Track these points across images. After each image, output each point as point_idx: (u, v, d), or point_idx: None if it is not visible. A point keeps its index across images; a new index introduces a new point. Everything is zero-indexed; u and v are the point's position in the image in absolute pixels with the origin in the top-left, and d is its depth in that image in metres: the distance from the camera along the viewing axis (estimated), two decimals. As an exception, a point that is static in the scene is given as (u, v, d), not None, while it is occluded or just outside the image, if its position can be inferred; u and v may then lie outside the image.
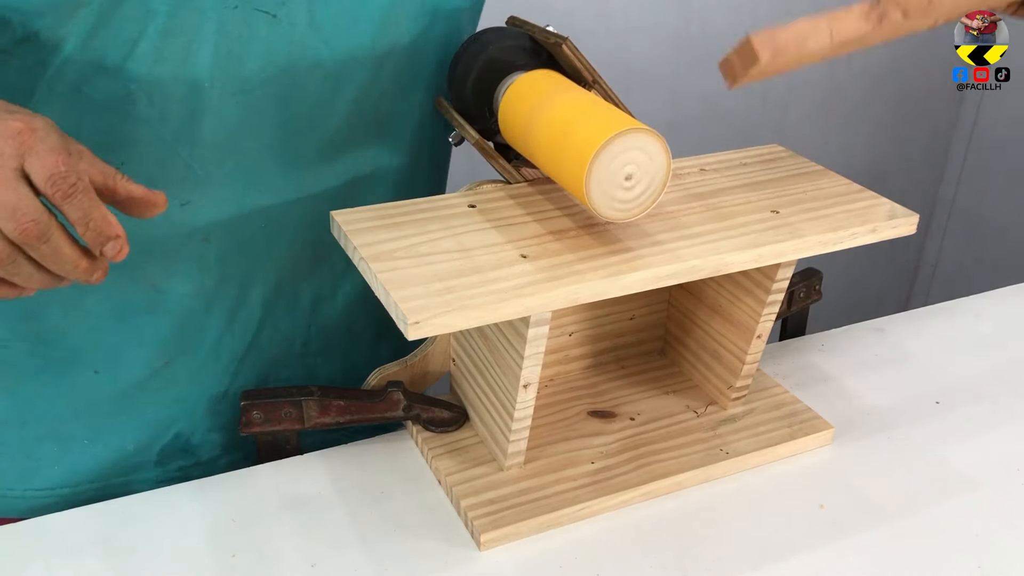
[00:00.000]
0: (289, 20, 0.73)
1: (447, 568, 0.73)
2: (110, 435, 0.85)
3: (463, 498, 0.78)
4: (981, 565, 0.75)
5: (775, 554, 0.75)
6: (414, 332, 0.64)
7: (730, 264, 0.74)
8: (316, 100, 0.78)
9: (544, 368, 0.86)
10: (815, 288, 1.04)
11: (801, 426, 0.88)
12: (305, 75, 0.76)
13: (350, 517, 0.78)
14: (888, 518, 0.79)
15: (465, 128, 0.83)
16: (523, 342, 0.71)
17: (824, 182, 0.87)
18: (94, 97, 0.70)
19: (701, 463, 0.83)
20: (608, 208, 0.70)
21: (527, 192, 0.81)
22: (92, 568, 0.72)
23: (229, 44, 0.72)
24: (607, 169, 0.68)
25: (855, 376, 0.98)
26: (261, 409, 0.81)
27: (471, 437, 0.85)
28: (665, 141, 0.69)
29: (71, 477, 0.85)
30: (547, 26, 0.83)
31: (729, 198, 0.82)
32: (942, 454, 0.87)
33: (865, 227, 0.79)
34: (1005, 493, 0.83)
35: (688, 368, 0.95)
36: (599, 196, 0.69)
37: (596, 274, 0.70)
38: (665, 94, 1.82)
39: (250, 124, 0.75)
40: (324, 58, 0.76)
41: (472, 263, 0.70)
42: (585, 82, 0.80)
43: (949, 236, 2.31)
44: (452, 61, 0.84)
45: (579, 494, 0.79)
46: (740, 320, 0.86)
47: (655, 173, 0.70)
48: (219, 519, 0.77)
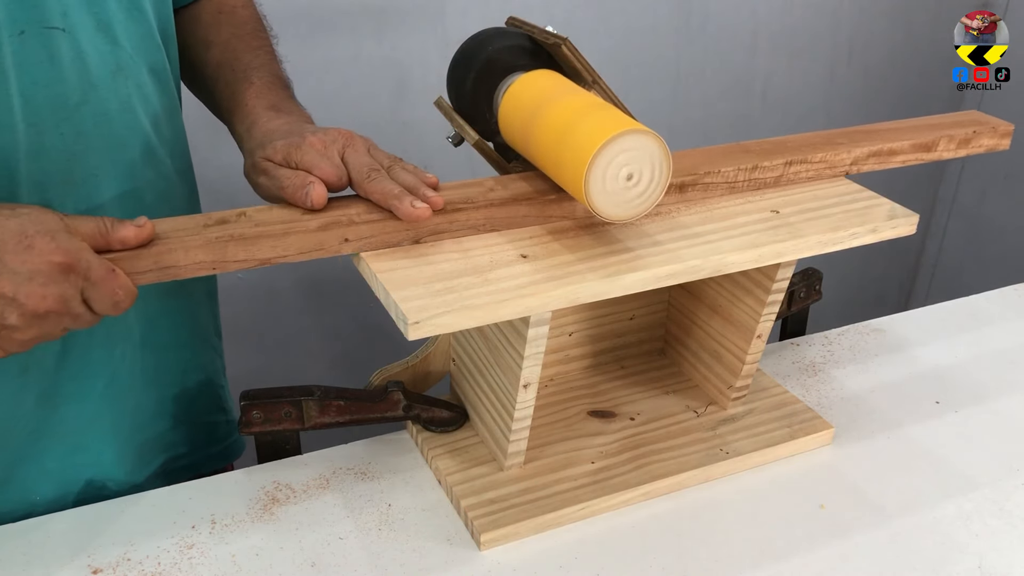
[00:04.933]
0: (79, 28, 0.70)
1: (447, 568, 0.73)
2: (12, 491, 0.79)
3: (463, 498, 0.78)
4: (981, 565, 0.75)
5: (775, 554, 0.75)
6: (414, 332, 0.64)
7: (730, 264, 0.74)
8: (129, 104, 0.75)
9: (544, 368, 0.86)
10: (815, 288, 1.04)
11: (801, 426, 0.88)
12: (113, 80, 0.73)
13: (350, 517, 0.78)
14: (888, 518, 0.79)
15: (465, 128, 0.83)
16: (523, 342, 0.71)
17: (824, 182, 0.87)
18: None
19: (701, 463, 0.83)
20: (608, 208, 0.70)
21: (527, 192, 0.81)
22: (89, 568, 0.72)
23: (32, 74, 0.68)
24: (607, 169, 0.68)
25: (855, 376, 0.98)
26: (261, 409, 0.81)
27: (471, 437, 0.85)
28: (664, 141, 0.69)
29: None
30: (547, 26, 0.83)
31: (730, 198, 0.82)
32: (942, 454, 0.87)
33: (865, 227, 0.79)
34: (1005, 493, 0.83)
35: (688, 368, 0.95)
36: (599, 196, 0.69)
37: (596, 274, 0.70)
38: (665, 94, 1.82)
39: (81, 151, 0.73)
40: (122, 55, 0.74)
41: (472, 263, 0.70)
42: (585, 82, 0.80)
43: (949, 236, 2.31)
44: (452, 61, 0.84)
45: (579, 494, 0.79)
46: (740, 320, 0.85)
47: (655, 173, 0.70)
48: (219, 519, 0.77)
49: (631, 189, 0.70)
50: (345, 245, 0.71)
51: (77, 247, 0.62)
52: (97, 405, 0.81)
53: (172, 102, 0.82)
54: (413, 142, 1.58)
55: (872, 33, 1.99)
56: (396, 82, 1.55)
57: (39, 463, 0.80)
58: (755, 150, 0.87)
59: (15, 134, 0.69)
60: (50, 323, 0.62)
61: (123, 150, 0.76)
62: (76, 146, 0.72)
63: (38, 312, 0.61)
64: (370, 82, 1.53)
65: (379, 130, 1.60)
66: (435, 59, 1.54)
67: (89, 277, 0.63)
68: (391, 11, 1.50)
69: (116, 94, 0.74)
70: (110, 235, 0.65)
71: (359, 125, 0.81)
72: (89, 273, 0.62)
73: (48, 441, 0.79)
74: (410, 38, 1.53)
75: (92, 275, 0.63)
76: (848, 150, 0.88)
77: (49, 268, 0.61)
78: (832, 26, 1.93)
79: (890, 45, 2.02)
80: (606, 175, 0.68)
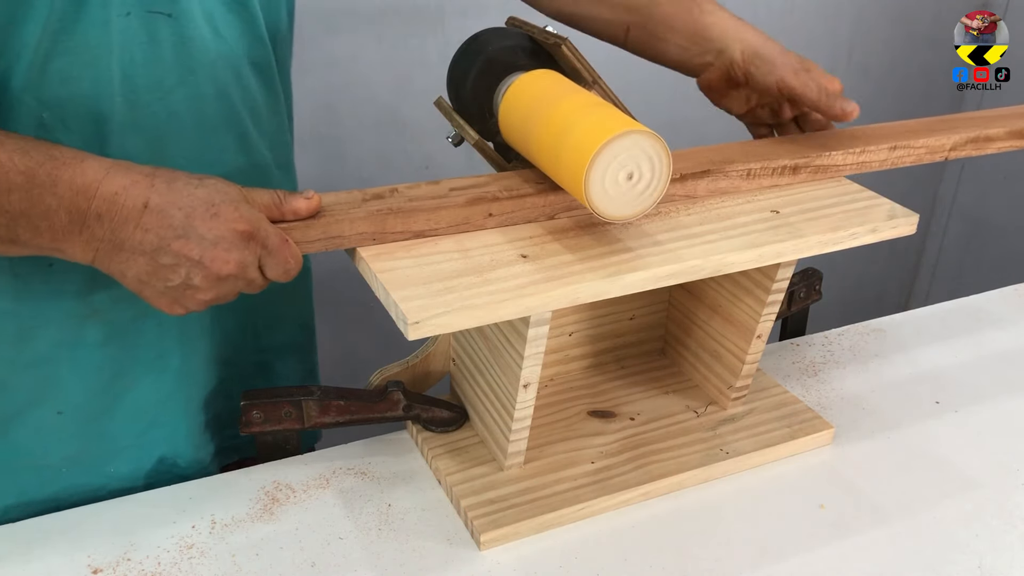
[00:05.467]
0: (185, 15, 0.72)
1: (447, 568, 0.73)
2: (87, 465, 0.82)
3: (463, 498, 0.78)
4: (981, 565, 0.75)
5: (775, 554, 0.75)
6: (414, 332, 0.64)
7: (730, 264, 0.74)
8: (225, 91, 0.77)
9: (544, 368, 0.86)
10: (815, 288, 1.04)
11: (801, 426, 0.88)
12: (211, 67, 0.75)
13: (350, 517, 0.78)
14: (888, 518, 0.79)
15: (465, 128, 0.83)
16: (523, 342, 0.71)
17: (824, 182, 0.87)
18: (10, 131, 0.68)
19: (701, 463, 0.83)
20: (608, 208, 0.70)
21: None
22: (89, 568, 0.72)
23: (132, 53, 0.71)
24: (607, 169, 0.68)
25: (855, 376, 0.98)
26: (261, 409, 0.81)
27: (471, 437, 0.85)
28: (665, 141, 0.69)
29: (58, 505, 0.82)
30: (547, 26, 0.83)
31: (730, 198, 0.82)
32: (942, 454, 0.87)
33: (865, 227, 0.79)
34: (1005, 493, 0.83)
35: (688, 368, 0.95)
36: (599, 196, 0.69)
37: (596, 274, 0.70)
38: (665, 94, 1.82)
39: (173, 130, 0.75)
40: (223, 46, 0.76)
41: (472, 263, 0.70)
42: (585, 82, 0.80)
43: (949, 236, 2.31)
44: (452, 61, 0.84)
45: (579, 494, 0.79)
46: (740, 320, 0.85)
47: (655, 173, 0.70)
48: (219, 519, 0.77)
49: (631, 189, 0.70)
50: (489, 220, 0.75)
51: (257, 217, 0.67)
52: (174, 381, 0.83)
53: (275, 97, 0.84)
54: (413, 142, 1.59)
55: (872, 33, 1.98)
56: (396, 82, 1.55)
57: (113, 439, 0.82)
58: (861, 136, 0.89)
59: (112, 105, 0.72)
60: (228, 285, 0.67)
61: (215, 135, 0.79)
62: (168, 126, 0.75)
63: (220, 275, 0.66)
64: (370, 82, 1.53)
65: (379, 130, 1.60)
66: (435, 59, 1.54)
67: (267, 245, 0.67)
68: (391, 11, 1.50)
69: (213, 81, 0.76)
70: (283, 206, 0.69)
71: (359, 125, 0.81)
72: (267, 242, 0.67)
73: (123, 416, 0.82)
74: (410, 38, 1.53)
75: (269, 243, 0.67)
76: (948, 136, 0.89)
77: (232, 235, 0.65)
78: (832, 26, 1.93)
79: (890, 45, 2.02)
80: (606, 175, 0.68)
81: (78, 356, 0.78)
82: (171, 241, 0.64)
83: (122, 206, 0.63)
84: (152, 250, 0.64)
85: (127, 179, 0.63)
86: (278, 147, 0.86)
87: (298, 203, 0.69)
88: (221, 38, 0.76)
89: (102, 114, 0.71)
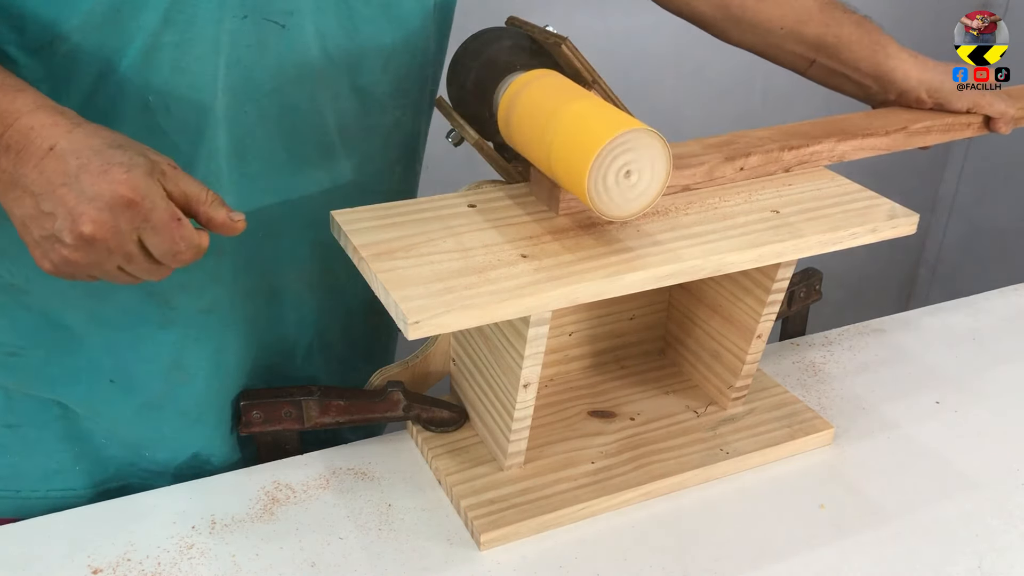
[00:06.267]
0: (297, 29, 0.74)
1: (447, 568, 0.73)
2: (128, 443, 0.85)
3: (463, 498, 0.78)
4: (981, 565, 0.75)
5: (775, 554, 0.75)
6: (414, 332, 0.64)
7: (730, 264, 0.74)
8: (319, 106, 0.78)
9: (544, 368, 0.86)
10: (815, 288, 1.04)
11: (801, 426, 0.88)
12: (310, 82, 0.77)
13: (350, 517, 0.78)
14: (888, 518, 0.79)
15: (465, 128, 0.83)
16: (523, 342, 0.71)
17: (824, 182, 0.87)
18: (113, 109, 0.71)
19: (701, 463, 0.83)
20: (608, 207, 0.70)
21: (527, 192, 0.81)
22: (89, 568, 0.72)
23: (239, 53, 0.72)
24: (607, 168, 0.68)
25: (855, 376, 0.98)
26: (261, 409, 0.81)
27: (471, 437, 0.85)
28: (665, 140, 0.69)
29: (91, 478, 0.85)
30: (547, 26, 0.83)
31: (730, 198, 0.82)
32: (942, 454, 0.87)
33: (865, 227, 0.79)
34: (1005, 493, 0.83)
35: (688, 368, 0.95)
36: (599, 195, 0.69)
37: (596, 274, 0.70)
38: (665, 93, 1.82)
39: (260, 132, 0.76)
40: (327, 66, 0.77)
41: (472, 263, 0.70)
42: (585, 82, 0.80)
43: (949, 236, 2.31)
44: (452, 61, 0.84)
45: (579, 494, 0.79)
46: (740, 320, 0.85)
47: (655, 172, 0.70)
48: (219, 519, 0.77)
49: (631, 188, 0.70)
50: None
51: (152, 189, 0.62)
52: (225, 378, 0.84)
53: (370, 120, 0.83)
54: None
55: (872, 33, 1.98)
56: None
57: (158, 429, 0.83)
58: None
59: (214, 99, 0.73)
60: (98, 252, 0.63)
61: (301, 144, 0.79)
62: (258, 127, 0.76)
63: (84, 235, 0.61)
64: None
65: (379, 130, 1.60)
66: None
67: (149, 219, 0.63)
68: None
69: (309, 94, 0.77)
70: (204, 206, 0.65)
71: (359, 125, 0.82)
72: (150, 215, 0.62)
73: (172, 408, 0.83)
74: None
75: (153, 217, 0.63)
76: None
77: (112, 196, 0.61)
78: (832, 26, 1.92)
79: (890, 45, 2.02)
80: (606, 174, 0.68)
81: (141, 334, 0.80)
82: (56, 187, 0.61)
83: (30, 142, 0.61)
84: (39, 192, 0.61)
85: (49, 119, 0.62)
86: (366, 169, 0.85)
87: (219, 213, 0.66)
88: (329, 58, 0.77)
89: (203, 105, 0.73)
